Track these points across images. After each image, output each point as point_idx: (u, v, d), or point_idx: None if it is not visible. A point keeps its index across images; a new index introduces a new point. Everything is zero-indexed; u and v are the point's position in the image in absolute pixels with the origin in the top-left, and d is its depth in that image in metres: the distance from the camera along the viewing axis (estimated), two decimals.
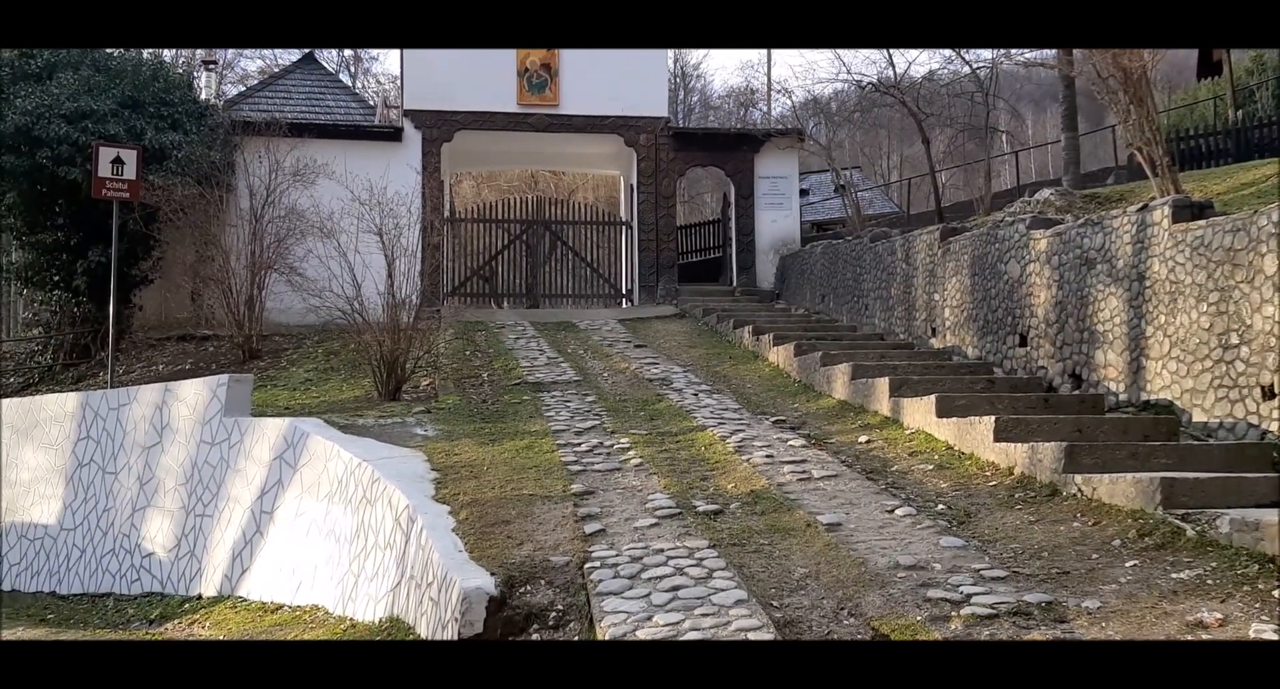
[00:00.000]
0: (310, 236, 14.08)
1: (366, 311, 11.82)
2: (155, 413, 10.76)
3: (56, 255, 16.12)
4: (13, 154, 15.04)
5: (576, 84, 19.06)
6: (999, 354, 10.86)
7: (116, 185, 12.93)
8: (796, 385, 11.51)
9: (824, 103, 30.24)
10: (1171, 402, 8.23)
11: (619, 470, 8.01)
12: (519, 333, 15.44)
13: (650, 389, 11.39)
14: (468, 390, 11.66)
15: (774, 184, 19.91)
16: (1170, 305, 8.30)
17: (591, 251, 20.76)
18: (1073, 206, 13.74)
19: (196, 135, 16.29)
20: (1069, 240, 9.75)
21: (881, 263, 13.99)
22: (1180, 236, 8.26)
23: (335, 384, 12.90)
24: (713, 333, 15.40)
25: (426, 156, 18.51)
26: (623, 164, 21.05)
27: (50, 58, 16.25)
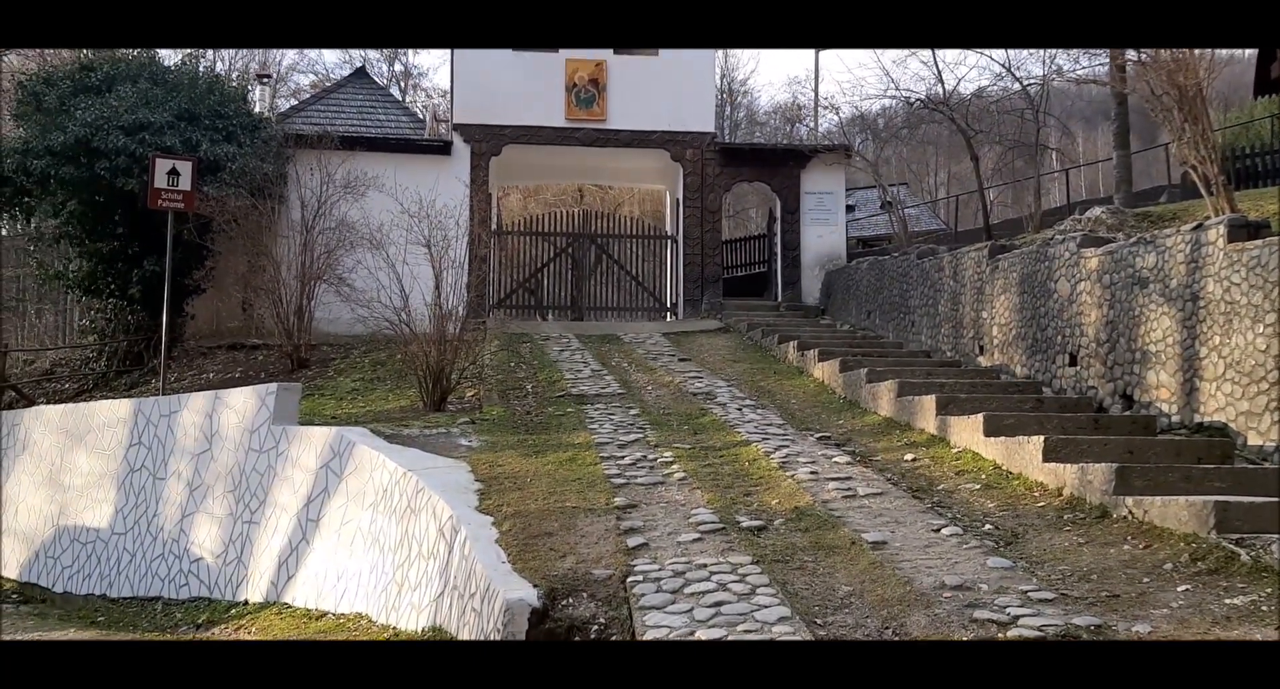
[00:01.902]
0: (359, 248, 14.27)
1: (414, 322, 11.93)
2: (205, 420, 10.91)
3: (113, 264, 16.43)
4: (72, 165, 15.36)
5: (624, 99, 19.15)
6: (1048, 373, 10.73)
7: (172, 196, 13.17)
8: (841, 401, 11.44)
9: (871, 119, 30.15)
10: (1226, 424, 8.09)
11: (662, 484, 8.00)
12: (563, 345, 15.50)
13: (694, 403, 11.37)
14: (512, 402, 11.71)
15: (820, 200, 19.86)
16: (1225, 326, 8.17)
17: (636, 265, 20.81)
18: (1124, 225, 13.56)
19: (250, 147, 16.55)
20: (1121, 259, 9.63)
21: (928, 280, 13.90)
22: (1236, 256, 8.13)
23: (381, 394, 13.02)
24: (757, 347, 15.37)
25: (475, 170, 18.68)
26: (669, 179, 21.10)
27: (109, 71, 16.60)
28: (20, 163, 15.67)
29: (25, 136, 16.20)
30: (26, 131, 16.34)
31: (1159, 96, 10.81)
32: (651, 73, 19.39)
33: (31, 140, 15.76)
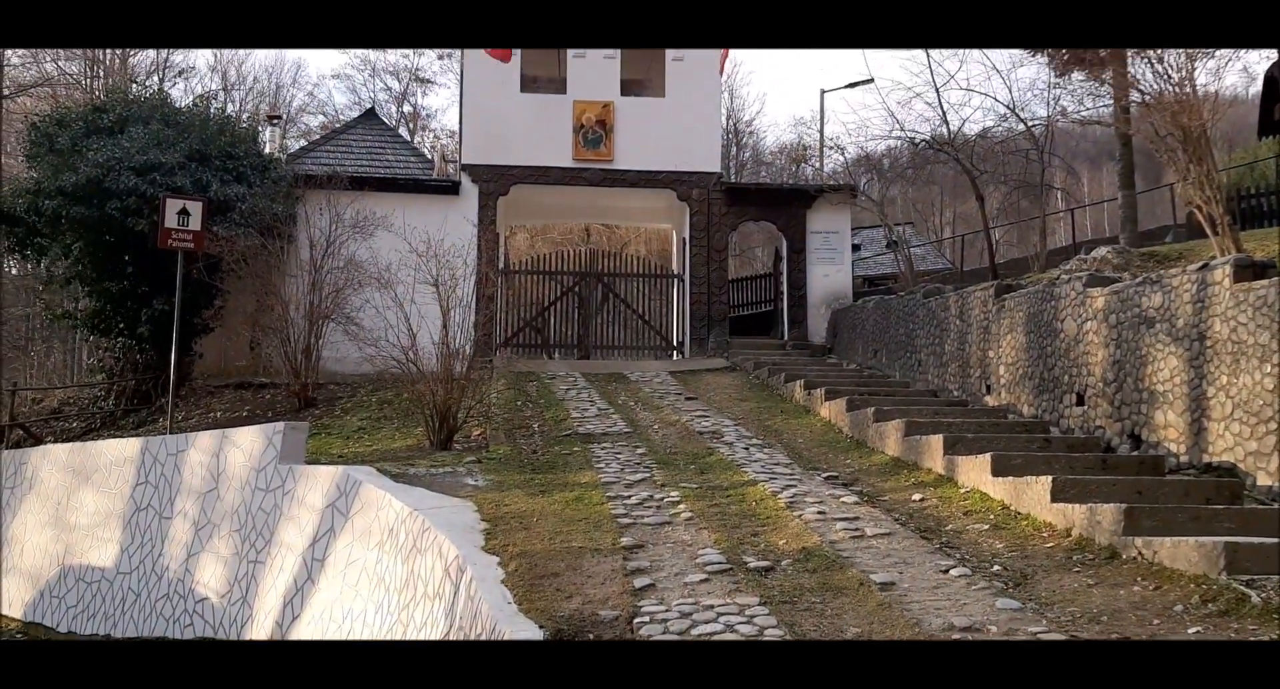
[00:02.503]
0: (368, 287, 14.33)
1: (421, 361, 11.96)
2: (212, 459, 10.92)
3: (122, 303, 16.51)
4: (83, 205, 15.49)
5: (631, 140, 19.31)
6: (1055, 413, 10.71)
7: (182, 236, 13.27)
8: (848, 441, 11.42)
9: (876, 159, 30.28)
10: (1234, 464, 8.06)
11: (669, 524, 7.98)
12: (570, 383, 15.51)
13: (701, 442, 11.36)
14: (518, 441, 11.71)
15: (826, 239, 19.94)
16: (1232, 366, 8.16)
17: (643, 304, 20.85)
18: (1130, 265, 13.59)
19: (260, 188, 16.69)
20: (1127, 299, 9.64)
21: (935, 319, 13.91)
22: (1242, 296, 8.14)
23: (388, 433, 13.02)
24: (764, 386, 15.36)
25: (483, 209, 18.80)
26: (675, 218, 21.20)
27: (122, 112, 16.78)
28: (32, 203, 15.80)
29: (37, 177, 16.36)
30: (39, 172, 16.50)
31: (1163, 138, 10.88)
32: (658, 114, 19.57)
33: (43, 181, 15.92)
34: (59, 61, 30.69)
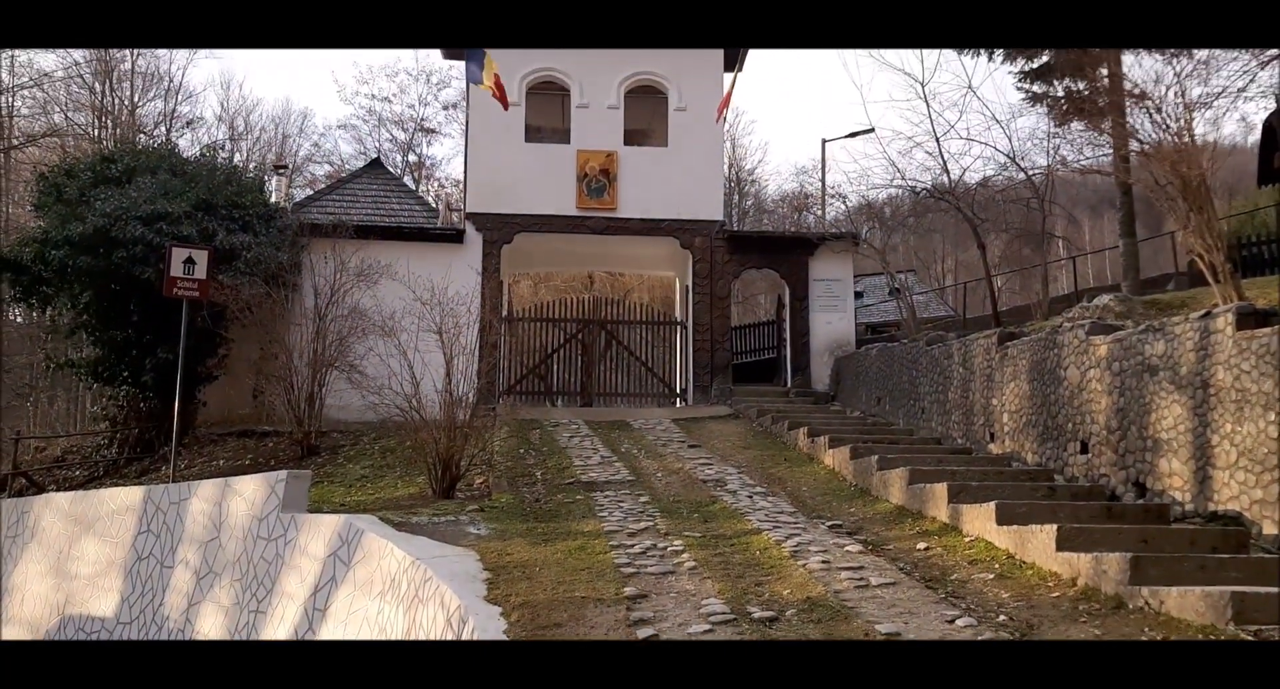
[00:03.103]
0: (371, 335, 14.37)
1: (424, 409, 11.95)
2: (214, 508, 10.88)
3: (126, 351, 16.54)
4: (90, 255, 15.57)
5: (634, 188, 19.47)
6: (1059, 461, 10.68)
7: (187, 285, 13.33)
8: (852, 489, 11.38)
9: (878, 207, 30.44)
10: (1240, 513, 8.02)
11: (672, 574, 7.93)
12: (573, 431, 15.48)
13: (704, 490, 11.32)
14: (521, 489, 11.67)
15: (828, 286, 20.02)
16: (1236, 414, 8.15)
17: (646, 351, 20.90)
18: (1133, 312, 13.61)
19: (266, 236, 16.80)
20: (1130, 346, 9.66)
21: (938, 366, 13.92)
22: (1245, 344, 8.16)
23: (390, 481, 12.99)
24: (767, 434, 15.33)
25: (487, 257, 18.92)
26: (678, 265, 21.30)
27: (130, 162, 16.95)
28: (38, 252, 15.90)
29: (45, 227, 16.47)
30: (46, 222, 16.62)
31: (1163, 186, 10.96)
32: (661, 163, 19.75)
33: (51, 231, 16.02)
34: (67, 112, 31.07)
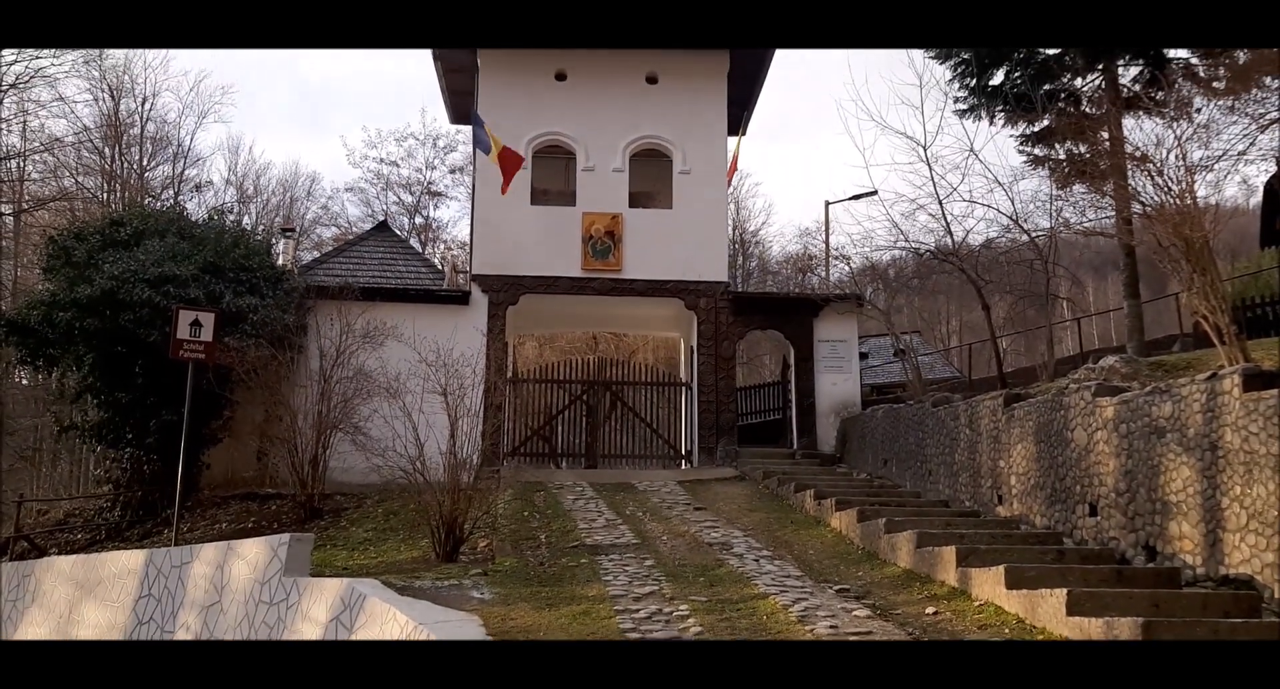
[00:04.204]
0: (376, 397, 14.36)
1: (428, 471, 11.90)
2: (216, 571, 10.79)
3: (131, 413, 16.53)
4: (97, 317, 15.63)
5: (639, 250, 19.58)
6: (1068, 524, 10.59)
7: (193, 347, 13.36)
8: (860, 553, 11.27)
9: (882, 269, 30.57)
10: (1252, 576, 7.93)
11: (678, 639, 7.83)
12: (577, 493, 15.40)
13: (710, 554, 11.22)
14: (525, 553, 11.58)
15: (833, 347, 20.03)
16: (1245, 476, 8.09)
17: (651, 412, 20.85)
18: (1138, 374, 13.58)
19: (272, 299, 16.87)
20: (1137, 408, 9.62)
21: (944, 428, 13.86)
22: (1252, 406, 8.12)
23: (393, 544, 12.89)
24: (773, 496, 15.23)
25: (492, 319, 18.97)
26: (683, 326, 21.34)
27: (139, 225, 17.08)
28: (46, 315, 15.96)
29: (53, 290, 16.56)
30: (54, 285, 16.71)
31: (1166, 248, 10.99)
32: (666, 225, 19.88)
33: (59, 293, 16.10)
34: (77, 177, 31.42)
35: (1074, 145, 19.66)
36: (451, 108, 23.32)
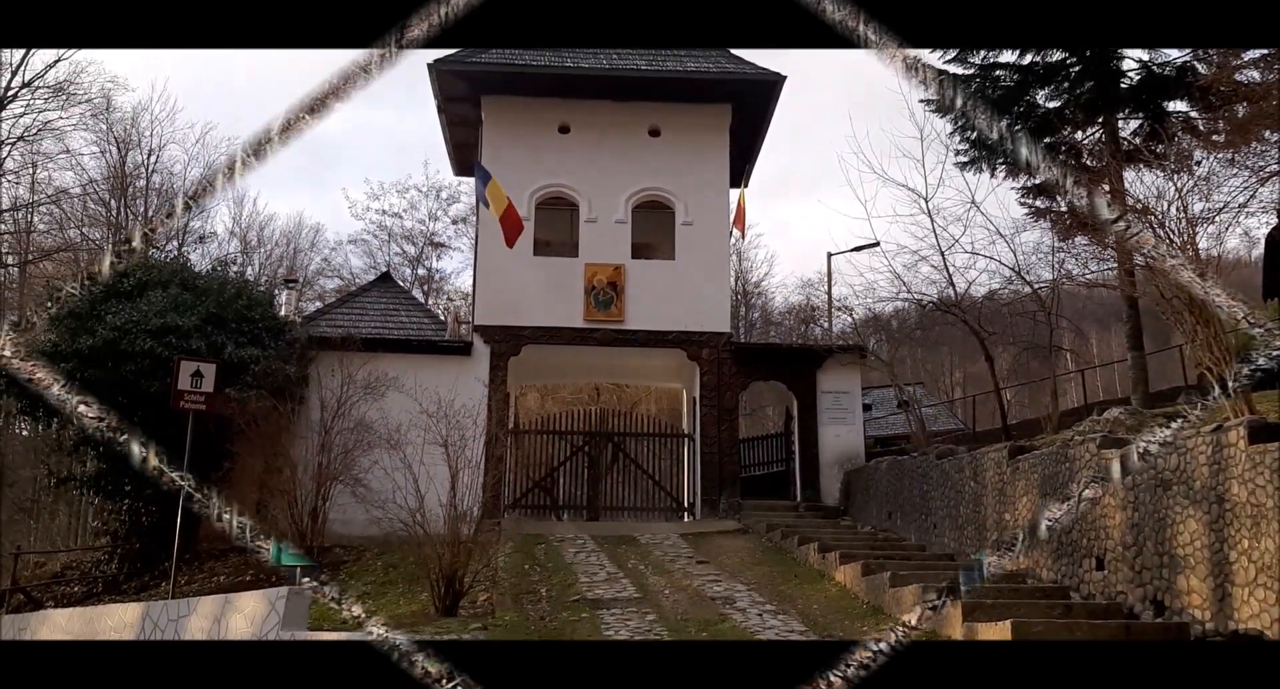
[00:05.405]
0: (377, 448, 14.30)
1: (428, 524, 11.80)
2: (213, 625, 10.66)
3: (129, 465, 16.40)
4: (99, 368, 15.61)
5: (641, 301, 19.57)
6: (1075, 578, 10.46)
7: (194, 398, 13.34)
8: (864, 607, 11.13)
9: (885, 320, 30.58)
10: (1262, 631, 7.80)
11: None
12: (579, 546, 15.26)
13: (713, 608, 11.08)
14: (525, 607, 11.45)
15: (836, 399, 19.94)
16: (1253, 529, 8.00)
17: (653, 464, 20.72)
18: (1144, 426, 13.51)
19: (274, 349, 16.86)
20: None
21: (949, 480, 13.76)
22: (1259, 458, 8.05)
23: (392, 598, 12.75)
24: (777, 550, 15.09)
25: (494, 370, 18.92)
26: (685, 377, 21.29)
27: (142, 277, 17.12)
28: (47, 366, 15.93)
29: (55, 340, 16.55)
30: (56, 335, 16.71)
31: (1169, 300, 10.98)
32: (668, 276, 19.89)
33: (61, 343, 16.09)
34: (82, 228, 31.61)
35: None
36: (455, 161, 23.49)
